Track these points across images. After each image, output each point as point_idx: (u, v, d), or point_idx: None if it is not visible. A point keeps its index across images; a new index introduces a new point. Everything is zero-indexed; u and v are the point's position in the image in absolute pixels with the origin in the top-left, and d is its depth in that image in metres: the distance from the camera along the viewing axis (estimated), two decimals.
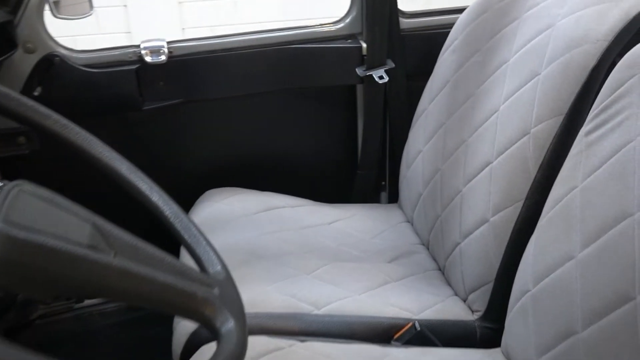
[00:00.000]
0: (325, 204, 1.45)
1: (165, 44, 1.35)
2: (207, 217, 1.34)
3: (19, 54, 1.29)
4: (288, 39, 1.43)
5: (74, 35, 3.29)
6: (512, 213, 0.98)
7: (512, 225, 0.98)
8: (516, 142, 0.99)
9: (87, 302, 1.65)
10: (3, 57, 1.19)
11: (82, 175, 1.45)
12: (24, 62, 1.30)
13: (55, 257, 0.48)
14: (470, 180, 1.10)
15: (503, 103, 1.06)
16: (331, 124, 1.56)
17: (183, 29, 3.46)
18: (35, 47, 1.30)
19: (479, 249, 1.04)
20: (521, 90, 1.02)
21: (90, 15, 1.46)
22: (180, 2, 3.44)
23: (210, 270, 0.66)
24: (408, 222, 1.40)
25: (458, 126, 1.19)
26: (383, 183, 1.62)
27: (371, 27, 1.40)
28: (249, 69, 1.43)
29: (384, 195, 1.63)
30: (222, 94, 1.44)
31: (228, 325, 0.57)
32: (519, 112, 1.01)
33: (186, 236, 0.69)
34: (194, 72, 1.40)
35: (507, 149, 1.01)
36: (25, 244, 0.47)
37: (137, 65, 1.35)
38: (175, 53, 1.37)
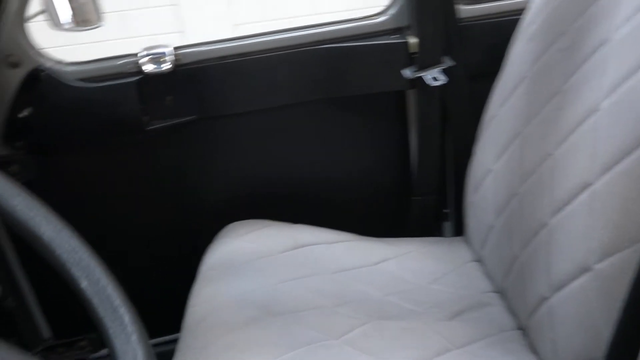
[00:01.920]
0: (372, 238, 1.17)
1: (170, 51, 1.13)
2: (223, 257, 1.10)
3: (2, 69, 1.11)
4: (319, 38, 1.17)
5: (131, 37, 3.22)
6: (628, 259, 0.67)
7: (629, 276, 0.66)
8: (630, 155, 0.68)
9: None
10: None
11: (80, 206, 1.26)
12: (8, 79, 1.12)
13: None
14: (560, 210, 0.79)
15: (605, 99, 0.75)
16: (377, 140, 1.28)
17: (236, 24, 3.30)
18: (20, 60, 1.11)
19: (577, 310, 0.73)
20: (633, 78, 0.70)
21: (99, 27, 1.27)
22: None
23: None
24: (478, 261, 1.09)
25: (540, 135, 0.88)
26: (446, 211, 1.31)
27: (422, 18, 1.12)
28: (272, 77, 1.18)
29: (447, 226, 1.32)
30: (242, 108, 1.20)
31: None
32: (632, 112, 0.69)
33: (97, 305, 0.44)
34: (207, 82, 1.17)
35: (615, 164, 0.69)
36: None
37: (138, 77, 1.14)
38: (184, 61, 1.15)
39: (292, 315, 0.88)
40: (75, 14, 1.21)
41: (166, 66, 1.12)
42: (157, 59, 1.13)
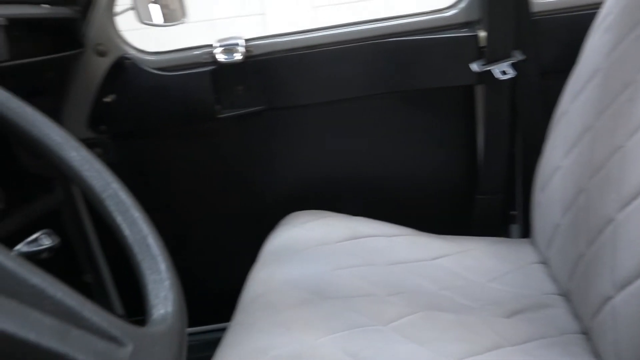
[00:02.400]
0: (432, 234, 1.14)
1: (242, 42, 1.16)
2: (282, 244, 1.11)
3: (91, 57, 1.19)
4: (387, 31, 1.17)
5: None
6: None
7: None
8: None
9: None
10: (62, 54, 1.08)
11: (151, 189, 1.32)
12: (96, 66, 1.20)
13: None
14: (628, 204, 0.74)
15: None
16: (443, 135, 1.25)
17: None
18: (107, 49, 1.19)
19: None
20: None
21: (182, 23, 1.34)
22: (315, 7, 3.40)
23: (153, 313, 0.42)
24: (543, 263, 1.04)
25: (611, 128, 0.84)
26: (513, 213, 1.26)
27: (494, 11, 1.09)
28: (340, 69, 1.19)
29: (515, 228, 1.27)
30: (309, 100, 1.22)
31: None
32: None
33: (137, 250, 0.46)
34: (276, 74, 1.19)
35: None
36: None
37: (212, 67, 1.18)
38: (255, 52, 1.18)
39: (342, 300, 0.87)
40: (165, 18, 1.29)
41: (238, 56, 1.16)
42: (229, 49, 1.17)
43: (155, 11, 1.32)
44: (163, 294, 0.43)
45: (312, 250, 1.06)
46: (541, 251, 1.04)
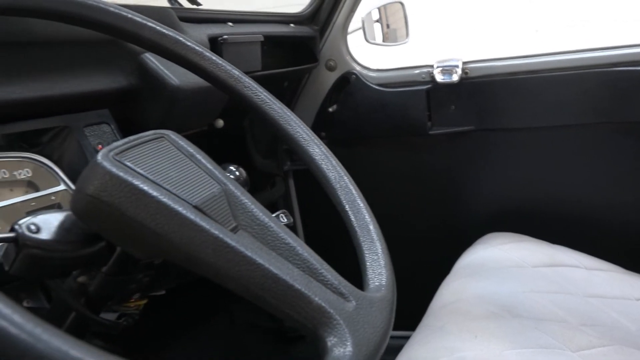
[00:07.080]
0: (639, 275, 1.09)
1: (460, 64, 1.23)
2: (477, 260, 1.15)
3: (322, 71, 1.36)
4: (611, 61, 1.14)
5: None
6: None
7: None
8: None
9: None
10: (299, 67, 1.26)
11: (367, 193, 1.42)
12: (325, 79, 1.36)
13: (146, 206, 0.41)
14: None
15: None
16: None
17: (536, 31, 3.43)
18: (336, 65, 1.34)
19: None
20: None
21: (406, 43, 1.45)
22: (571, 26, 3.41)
23: (370, 283, 0.51)
24: None
25: None
26: None
27: None
28: (557, 96, 1.19)
29: None
30: (521, 123, 1.24)
31: (341, 349, 0.41)
32: None
33: (360, 233, 0.56)
34: (490, 96, 1.24)
35: None
36: (121, 186, 0.41)
37: (428, 86, 1.27)
38: (471, 74, 1.24)
39: (532, 320, 0.89)
40: (388, 38, 1.42)
41: (455, 78, 1.23)
42: (448, 70, 1.24)
43: (377, 30, 1.45)
44: (378, 270, 0.52)
45: (507, 270, 1.08)
46: None
